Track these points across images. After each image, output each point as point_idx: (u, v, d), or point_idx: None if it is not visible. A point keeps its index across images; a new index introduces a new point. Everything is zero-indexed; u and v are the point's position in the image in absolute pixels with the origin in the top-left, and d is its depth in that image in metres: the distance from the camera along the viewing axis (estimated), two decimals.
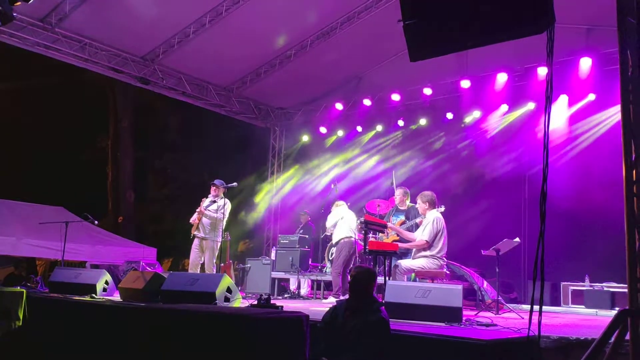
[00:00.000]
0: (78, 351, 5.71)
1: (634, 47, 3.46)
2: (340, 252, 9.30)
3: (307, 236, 11.72)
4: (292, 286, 11.26)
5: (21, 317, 6.47)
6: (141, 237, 16.97)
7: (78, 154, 20.75)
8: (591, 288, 9.23)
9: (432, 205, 7.43)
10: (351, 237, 9.35)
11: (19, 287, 7.25)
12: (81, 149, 20.99)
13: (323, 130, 13.60)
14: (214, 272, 8.70)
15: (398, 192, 8.77)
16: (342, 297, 9.14)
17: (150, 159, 22.38)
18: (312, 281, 10.82)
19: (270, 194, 14.54)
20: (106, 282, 7.38)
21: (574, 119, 10.58)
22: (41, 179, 19.15)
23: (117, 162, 20.33)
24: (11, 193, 13.92)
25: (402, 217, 8.36)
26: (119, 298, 6.84)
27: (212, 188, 9.06)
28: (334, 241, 9.59)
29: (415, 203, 7.85)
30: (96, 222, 9.93)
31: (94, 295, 7.00)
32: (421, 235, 7.28)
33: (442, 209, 7.63)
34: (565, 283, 9.63)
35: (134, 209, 20.53)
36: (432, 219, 7.23)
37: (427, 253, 7.19)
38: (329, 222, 9.69)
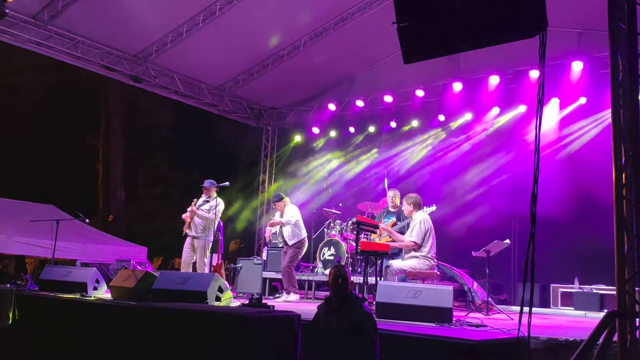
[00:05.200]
0: (68, 349, 5.70)
1: (625, 53, 3.50)
2: (300, 250, 9.06)
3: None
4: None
5: (10, 316, 6.43)
6: (131, 235, 16.90)
7: (69, 152, 20.64)
8: (580, 290, 9.30)
9: (418, 206, 7.51)
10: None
11: (8, 285, 7.21)
12: (72, 147, 20.89)
13: (316, 130, 13.62)
14: (205, 272, 8.68)
15: (390, 194, 8.77)
16: (293, 293, 9.02)
17: (141, 158, 22.31)
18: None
19: (262, 193, 14.55)
20: (97, 281, 7.35)
21: (564, 122, 10.66)
22: (32, 177, 19.03)
23: (108, 161, 20.27)
24: (1, 191, 13.84)
25: (394, 219, 8.39)
26: (110, 296, 6.82)
27: (204, 190, 9.04)
28: (295, 240, 9.00)
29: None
30: (87, 220, 9.89)
31: (84, 293, 6.97)
32: (409, 236, 7.34)
33: (434, 208, 7.68)
34: (555, 285, 9.69)
35: (125, 207, 20.46)
36: (419, 220, 7.31)
37: (418, 254, 7.26)
38: (292, 217, 9.05)
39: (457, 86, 10.97)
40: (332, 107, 12.83)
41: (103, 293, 7.29)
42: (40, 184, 18.43)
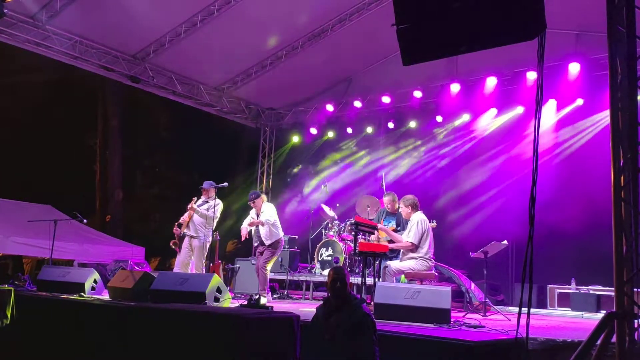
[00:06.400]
0: (66, 350, 5.69)
1: (623, 55, 3.51)
2: (277, 250, 8.80)
3: (296, 237, 11.73)
4: None
5: (9, 316, 6.43)
6: (129, 236, 16.85)
7: (67, 152, 20.58)
8: (577, 291, 9.33)
9: (415, 207, 7.51)
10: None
11: (6, 285, 7.20)
12: (70, 147, 20.82)
13: (313, 131, 13.63)
14: (203, 272, 8.67)
15: (387, 199, 8.66)
16: (269, 293, 8.92)
17: (139, 158, 22.27)
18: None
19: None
20: (94, 281, 7.34)
21: (562, 124, 10.70)
22: (29, 177, 18.98)
23: (106, 161, 20.20)
24: None
25: (393, 223, 8.36)
26: (108, 297, 6.81)
27: (203, 191, 9.02)
28: (273, 239, 8.69)
29: None
30: (85, 220, 9.88)
31: (82, 293, 6.96)
32: (406, 237, 7.34)
33: (434, 224, 7.63)
34: (552, 286, 9.72)
35: (122, 208, 20.39)
36: (416, 221, 7.31)
37: (415, 255, 7.26)
38: (271, 216, 8.77)
39: (455, 87, 11.00)
40: (330, 107, 12.85)
41: (101, 293, 7.29)
42: (38, 184, 18.37)
